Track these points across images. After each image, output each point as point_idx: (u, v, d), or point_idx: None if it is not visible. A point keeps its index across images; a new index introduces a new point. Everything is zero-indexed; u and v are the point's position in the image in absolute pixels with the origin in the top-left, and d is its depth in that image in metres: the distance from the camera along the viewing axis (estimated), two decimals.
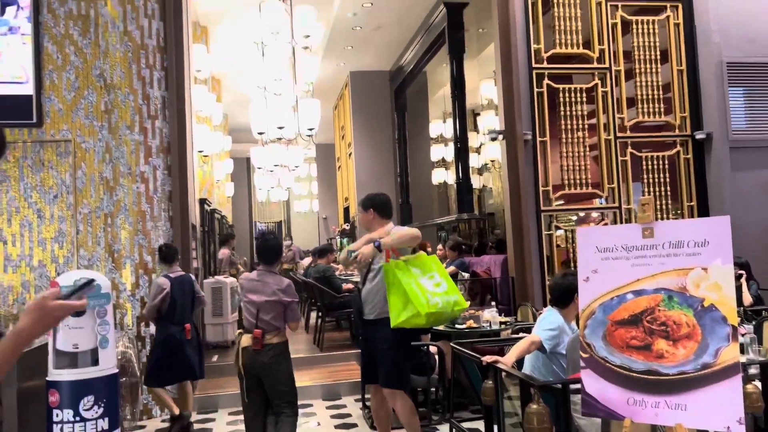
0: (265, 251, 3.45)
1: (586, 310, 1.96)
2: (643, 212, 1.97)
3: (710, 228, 1.84)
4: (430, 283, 3.13)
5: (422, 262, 3.18)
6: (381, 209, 3.43)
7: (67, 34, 4.00)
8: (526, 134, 4.52)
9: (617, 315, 1.92)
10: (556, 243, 4.65)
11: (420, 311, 3.00)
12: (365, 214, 3.47)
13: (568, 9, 4.71)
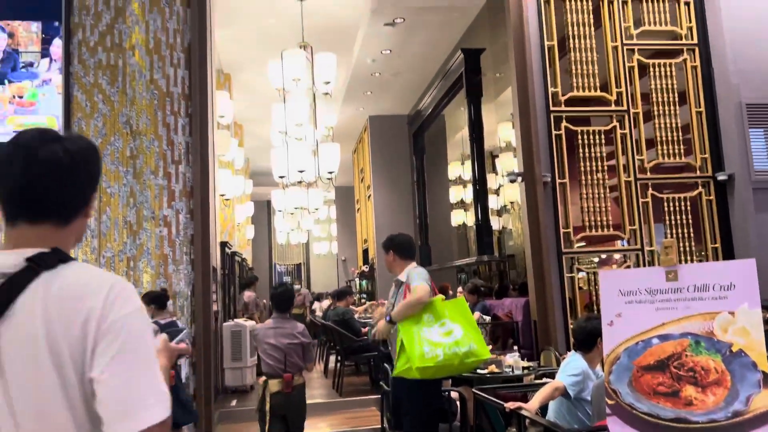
0: (279, 300, 3.75)
1: (611, 355, 1.92)
2: (666, 255, 1.95)
3: (736, 271, 1.82)
4: (439, 331, 3.01)
5: (435, 307, 3.08)
6: (401, 250, 3.44)
7: (96, 83, 4.14)
8: (546, 176, 4.52)
9: (643, 360, 1.88)
10: (578, 285, 4.59)
11: (412, 364, 2.90)
12: (386, 255, 3.50)
13: (584, 53, 4.77)
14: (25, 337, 0.96)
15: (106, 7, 4.21)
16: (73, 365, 0.96)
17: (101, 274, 1.04)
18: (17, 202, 1.04)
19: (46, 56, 4.03)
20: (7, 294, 0.98)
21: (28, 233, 1.03)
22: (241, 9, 6.71)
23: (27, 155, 1.04)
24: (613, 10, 4.85)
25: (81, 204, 1.07)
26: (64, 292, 0.99)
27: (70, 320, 0.97)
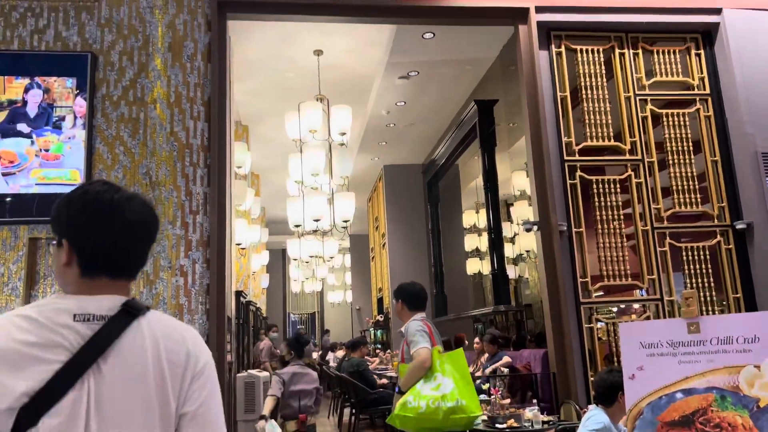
0: (299, 346, 4.39)
1: (634, 409, 1.88)
2: (687, 306, 1.92)
3: (760, 323, 1.78)
4: (430, 385, 2.99)
5: (432, 362, 3.08)
6: (409, 301, 3.43)
7: (118, 136, 4.24)
8: (562, 225, 4.51)
9: (667, 416, 1.83)
10: (597, 336, 4.51)
11: (393, 412, 2.92)
12: (396, 303, 3.51)
13: (597, 103, 4.82)
14: (136, 375, 1.06)
15: (130, 62, 4.35)
16: (175, 401, 1.08)
17: (178, 321, 1.18)
18: (104, 260, 1.13)
19: (71, 113, 4.16)
20: (111, 333, 1.07)
21: (107, 283, 1.13)
22: (260, 63, 6.90)
23: (121, 218, 1.12)
24: (624, 62, 4.93)
25: (146, 261, 1.21)
26: (168, 334, 1.11)
27: (174, 361, 1.09)
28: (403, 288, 3.54)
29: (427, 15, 4.79)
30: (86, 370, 1.03)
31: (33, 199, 4.06)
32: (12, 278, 4.00)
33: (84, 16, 4.40)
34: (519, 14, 4.76)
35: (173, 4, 4.43)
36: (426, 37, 6.16)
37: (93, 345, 1.04)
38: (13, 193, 4.03)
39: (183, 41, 4.39)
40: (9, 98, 4.14)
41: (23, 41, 4.31)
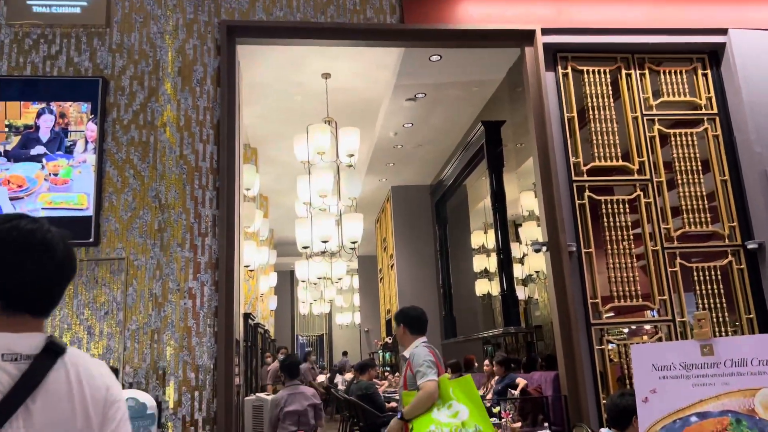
0: (289, 369, 4.83)
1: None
2: (700, 327, 1.90)
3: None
4: (446, 412, 3.01)
5: (442, 389, 3.09)
6: (409, 324, 3.48)
7: (128, 159, 4.28)
8: (571, 246, 4.49)
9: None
10: (609, 358, 4.45)
11: None
12: (397, 328, 3.55)
13: (604, 124, 4.83)
14: (63, 415, 1.08)
15: (141, 87, 4.41)
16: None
17: (93, 358, 1.22)
18: (31, 298, 1.13)
19: (81, 139, 4.21)
20: (38, 373, 1.08)
21: (28, 321, 1.14)
22: (269, 87, 6.97)
23: (53, 256, 1.14)
24: (631, 82, 4.94)
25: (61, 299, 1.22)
26: (89, 373, 1.14)
27: (96, 397, 1.13)
28: (404, 312, 3.59)
29: (434, 38, 4.83)
30: (16, 410, 1.03)
31: None
32: None
33: (95, 42, 4.47)
34: (525, 36, 4.80)
35: (183, 30, 4.50)
36: (433, 60, 6.21)
37: (22, 385, 1.05)
38: (14, 214, 4.06)
39: (193, 66, 4.44)
40: (24, 123, 4.20)
41: (36, 67, 4.38)
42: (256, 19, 4.61)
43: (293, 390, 4.80)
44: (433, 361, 3.24)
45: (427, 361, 3.21)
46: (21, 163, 4.13)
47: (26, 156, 4.14)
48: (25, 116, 4.21)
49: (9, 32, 4.40)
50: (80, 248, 4.12)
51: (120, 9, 4.55)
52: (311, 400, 4.80)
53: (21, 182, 4.10)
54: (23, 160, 4.13)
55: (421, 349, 3.32)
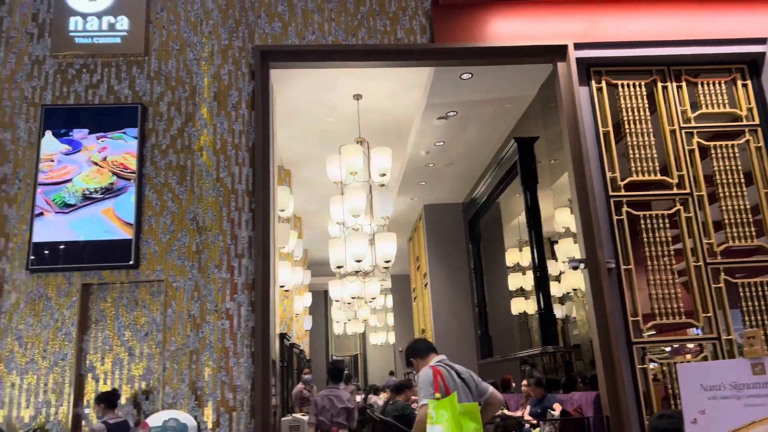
0: (334, 372, 5.72)
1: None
2: (750, 346, 1.84)
3: None
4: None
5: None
6: (417, 353, 3.59)
7: (167, 183, 4.37)
8: (609, 263, 4.40)
9: None
10: (652, 377, 4.33)
11: None
12: (412, 364, 3.66)
13: (641, 138, 4.75)
14: None
15: (178, 112, 4.51)
16: None
17: None
18: None
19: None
20: None
21: None
22: (302, 109, 7.07)
23: None
24: (668, 95, 4.86)
25: None
26: None
27: None
28: (409, 347, 3.71)
29: (465, 56, 4.84)
30: None
31: (76, 246, 4.19)
32: (65, 323, 4.11)
33: (134, 70, 4.60)
34: (557, 52, 4.77)
35: (218, 56, 4.60)
36: (464, 78, 6.22)
37: None
38: (58, 241, 4.17)
39: (228, 90, 4.54)
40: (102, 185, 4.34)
41: (78, 96, 4.53)
42: (288, 44, 4.69)
43: (332, 392, 5.72)
44: (432, 383, 3.24)
45: (424, 385, 3.26)
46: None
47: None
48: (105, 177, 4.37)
49: (53, 63, 4.57)
50: (121, 270, 4.21)
51: (158, 38, 4.68)
52: (345, 404, 5.66)
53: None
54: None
55: (424, 372, 3.36)
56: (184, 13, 4.73)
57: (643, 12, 4.89)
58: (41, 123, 4.39)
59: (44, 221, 4.19)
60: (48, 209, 4.22)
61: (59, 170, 4.31)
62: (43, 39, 4.61)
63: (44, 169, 4.29)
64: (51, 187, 4.26)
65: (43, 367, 4.04)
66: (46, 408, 3.98)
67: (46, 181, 4.27)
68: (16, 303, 4.11)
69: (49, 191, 4.25)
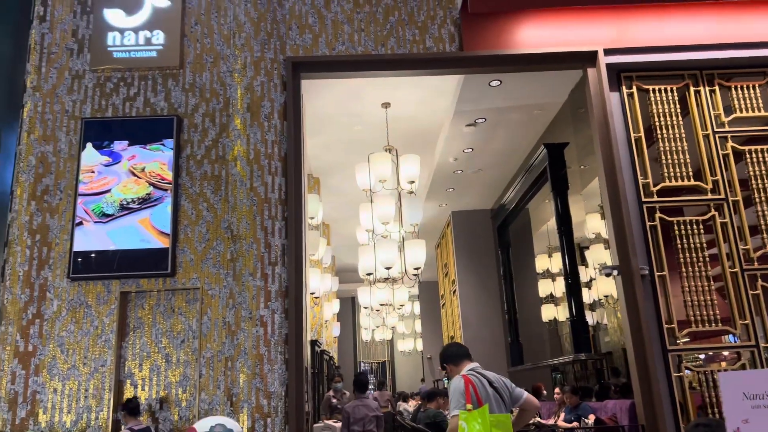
0: (358, 384, 6.13)
1: None
2: None
3: None
4: None
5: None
6: (450, 359, 3.57)
7: (201, 193, 4.47)
8: (643, 269, 4.36)
9: None
10: (688, 385, 4.26)
11: None
12: (445, 369, 3.66)
13: (673, 143, 4.70)
14: None
15: (212, 124, 4.61)
16: None
17: None
18: None
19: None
20: None
21: None
22: (330, 118, 7.14)
23: None
24: (700, 99, 4.80)
25: None
26: None
27: None
28: (443, 353, 3.70)
29: (495, 64, 4.85)
30: None
31: (114, 255, 4.30)
32: (105, 330, 4.22)
33: (170, 83, 4.72)
34: (587, 58, 4.76)
35: (251, 68, 4.69)
36: (493, 85, 6.22)
37: None
38: (97, 250, 4.29)
39: (261, 101, 4.62)
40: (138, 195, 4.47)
41: (116, 109, 4.66)
42: (319, 55, 4.77)
43: (361, 402, 6.05)
44: (463, 393, 3.21)
45: (456, 394, 3.25)
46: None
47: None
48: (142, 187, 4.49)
49: (92, 77, 4.71)
50: (158, 279, 4.31)
51: (192, 51, 4.79)
52: (374, 411, 5.97)
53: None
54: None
55: (455, 381, 3.34)
56: (218, 27, 4.83)
57: (673, 16, 4.84)
58: (81, 135, 4.53)
59: (84, 231, 4.32)
60: (87, 219, 4.34)
61: (99, 181, 4.43)
62: (82, 54, 4.76)
63: (84, 180, 4.42)
64: (90, 198, 4.39)
65: (84, 373, 4.15)
66: (86, 413, 4.09)
67: (86, 191, 4.40)
68: (58, 310, 4.24)
69: (88, 201, 4.38)
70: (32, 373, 4.13)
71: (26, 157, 4.51)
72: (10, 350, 4.15)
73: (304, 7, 4.87)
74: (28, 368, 4.13)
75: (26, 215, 4.38)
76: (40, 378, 4.12)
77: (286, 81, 4.65)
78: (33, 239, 4.34)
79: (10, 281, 4.27)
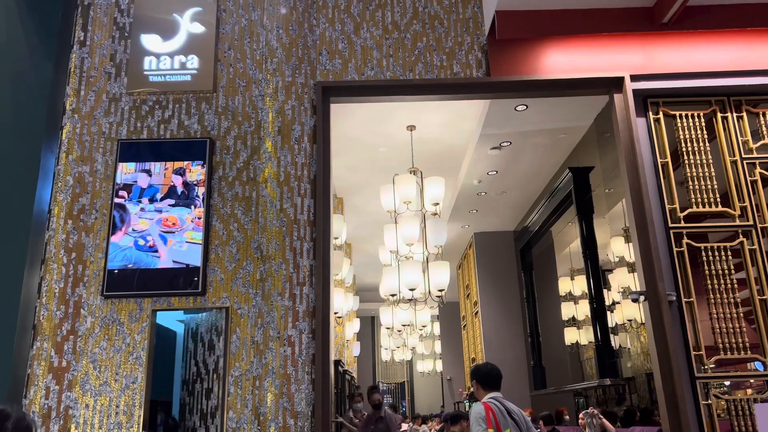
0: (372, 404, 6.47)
1: None
2: None
3: None
4: None
5: None
6: (480, 380, 3.70)
7: (233, 213, 4.56)
8: (670, 295, 4.34)
9: None
10: (716, 413, 4.21)
11: None
12: (472, 383, 3.79)
13: (700, 168, 4.70)
14: None
15: (244, 146, 4.72)
16: None
17: None
18: None
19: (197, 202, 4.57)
20: None
21: None
22: (356, 140, 7.25)
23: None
24: (727, 125, 4.80)
25: None
26: None
27: None
28: (477, 369, 3.83)
29: (522, 89, 4.91)
30: None
31: (155, 273, 4.40)
32: (136, 348, 4.30)
33: (203, 106, 4.85)
34: (614, 83, 4.80)
35: (282, 92, 4.81)
36: (519, 110, 6.28)
37: None
38: (138, 268, 4.40)
39: (291, 125, 4.73)
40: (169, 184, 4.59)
41: (151, 131, 4.79)
42: (348, 80, 4.87)
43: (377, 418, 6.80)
44: (484, 418, 3.39)
45: (476, 419, 3.41)
46: (176, 207, 4.50)
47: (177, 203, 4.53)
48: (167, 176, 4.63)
49: (129, 100, 4.86)
50: (188, 297, 4.40)
51: (225, 75, 4.93)
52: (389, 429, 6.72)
53: (174, 221, 4.48)
54: (176, 206, 4.51)
55: (478, 406, 3.52)
56: (250, 52, 4.97)
57: (700, 43, 4.87)
58: (117, 156, 4.66)
59: (117, 248, 4.43)
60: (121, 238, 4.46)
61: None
62: (119, 78, 4.92)
63: (119, 200, 4.54)
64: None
65: (115, 389, 4.23)
66: (117, 430, 4.16)
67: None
68: (91, 327, 4.34)
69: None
70: (65, 388, 4.22)
71: (64, 177, 4.65)
72: (45, 366, 4.25)
73: (334, 33, 5.00)
74: (61, 384, 4.23)
75: (63, 234, 4.51)
76: (73, 393, 4.21)
77: (316, 105, 4.76)
78: (69, 257, 4.46)
79: (46, 298, 4.39)
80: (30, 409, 4.16)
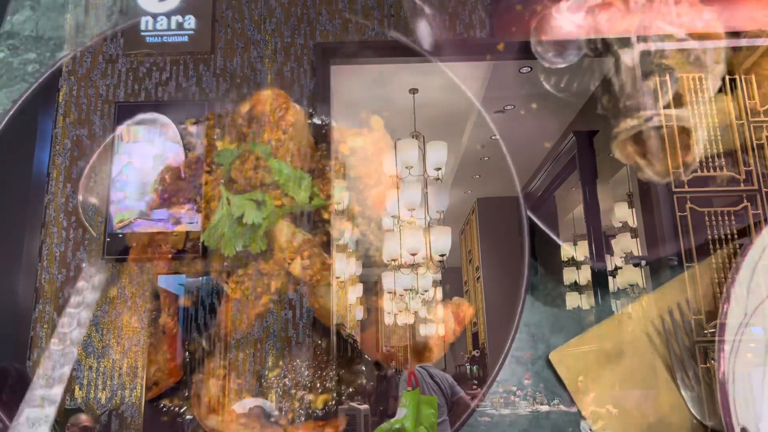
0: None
1: None
2: None
3: None
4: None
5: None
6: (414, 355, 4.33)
7: None
8: (672, 259, 4.32)
9: None
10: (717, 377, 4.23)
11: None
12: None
13: (705, 132, 4.62)
14: None
15: None
16: None
17: None
18: None
19: None
20: None
21: None
22: (358, 104, 7.15)
23: None
24: (735, 87, 4.70)
25: None
26: None
27: None
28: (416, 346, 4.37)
29: (526, 51, 4.81)
30: None
31: (156, 236, 4.40)
32: (138, 311, 4.33)
33: (201, 68, 4.77)
34: (621, 44, 4.68)
35: (281, 54, 4.72)
36: (523, 72, 6.17)
37: None
38: (131, 231, 4.39)
39: (290, 87, 4.65)
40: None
41: (149, 93, 4.72)
42: (348, 40, 4.77)
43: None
44: (405, 380, 4.32)
45: (402, 382, 3.98)
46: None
47: None
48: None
49: (126, 62, 4.78)
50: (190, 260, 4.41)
51: (223, 36, 4.83)
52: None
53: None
54: None
55: (404, 373, 4.25)
56: (248, 12, 4.86)
57: (711, 3, 4.74)
58: (114, 119, 4.61)
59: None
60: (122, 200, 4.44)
61: None
62: (116, 39, 4.82)
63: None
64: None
65: (118, 352, 4.27)
66: (121, 391, 4.21)
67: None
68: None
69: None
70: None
71: (62, 141, 4.61)
72: (48, 329, 4.28)
73: None
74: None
75: (62, 197, 4.49)
76: (77, 356, 4.25)
77: (316, 67, 4.67)
78: (69, 221, 4.45)
79: (47, 261, 4.39)
80: (34, 372, 4.21)
